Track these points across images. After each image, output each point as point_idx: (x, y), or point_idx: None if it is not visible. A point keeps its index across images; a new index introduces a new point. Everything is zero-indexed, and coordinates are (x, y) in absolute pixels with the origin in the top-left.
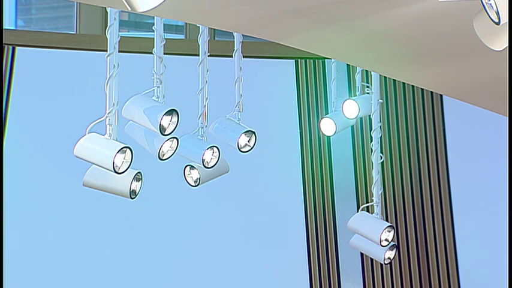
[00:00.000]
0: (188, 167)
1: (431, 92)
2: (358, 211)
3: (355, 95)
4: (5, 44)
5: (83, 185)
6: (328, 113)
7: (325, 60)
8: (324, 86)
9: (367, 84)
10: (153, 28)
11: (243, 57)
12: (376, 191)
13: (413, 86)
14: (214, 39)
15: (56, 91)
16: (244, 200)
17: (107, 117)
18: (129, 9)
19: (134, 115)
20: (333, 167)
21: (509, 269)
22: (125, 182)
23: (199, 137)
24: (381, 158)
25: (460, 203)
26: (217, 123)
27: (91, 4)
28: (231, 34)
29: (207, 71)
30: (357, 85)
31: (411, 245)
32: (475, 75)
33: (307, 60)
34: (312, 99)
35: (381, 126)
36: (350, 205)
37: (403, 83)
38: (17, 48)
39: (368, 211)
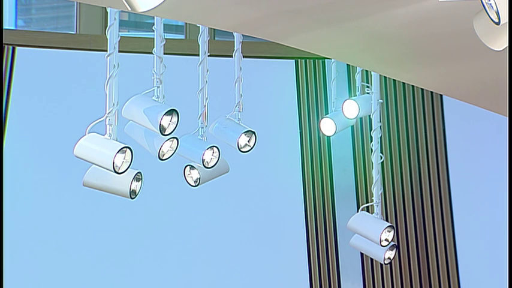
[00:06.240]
0: (188, 167)
1: (431, 92)
2: (358, 211)
3: (355, 95)
4: (5, 44)
5: (83, 185)
6: (328, 113)
7: (325, 60)
8: (324, 86)
9: (367, 84)
10: (153, 28)
11: (243, 57)
12: (376, 191)
13: (413, 86)
14: (214, 39)
15: (55, 91)
16: (244, 200)
17: (107, 117)
18: (129, 9)
19: (134, 115)
20: (333, 167)
21: (509, 269)
22: (125, 182)
23: (199, 137)
24: (381, 158)
25: (460, 203)
26: (217, 123)
27: (91, 4)
28: (231, 34)
29: (207, 71)
30: (357, 85)
31: (411, 245)
32: (475, 75)
33: (307, 60)
34: (312, 99)
35: (381, 126)
36: (350, 205)
37: (403, 83)
38: (17, 48)
39: (368, 211)
